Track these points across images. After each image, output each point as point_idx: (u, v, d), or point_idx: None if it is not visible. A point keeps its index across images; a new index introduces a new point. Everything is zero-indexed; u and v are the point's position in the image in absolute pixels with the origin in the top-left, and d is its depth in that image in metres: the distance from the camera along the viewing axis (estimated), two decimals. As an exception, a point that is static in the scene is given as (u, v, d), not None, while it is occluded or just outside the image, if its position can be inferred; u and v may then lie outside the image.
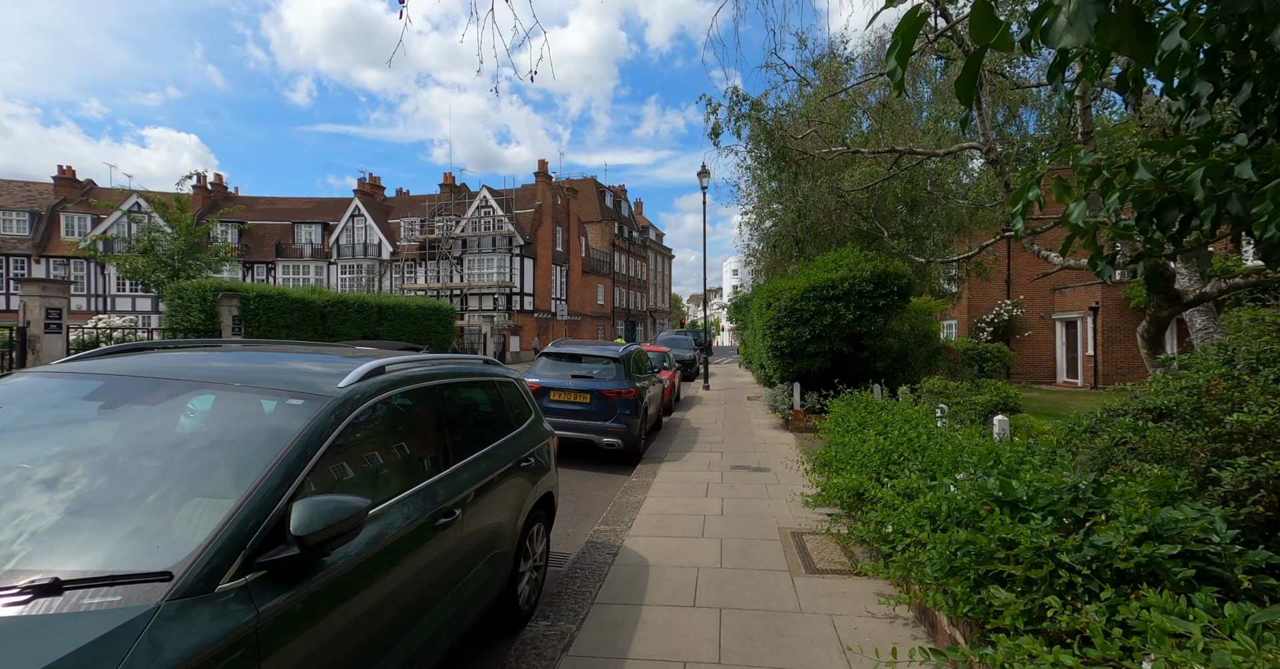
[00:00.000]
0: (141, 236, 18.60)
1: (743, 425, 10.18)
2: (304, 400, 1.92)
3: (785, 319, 8.99)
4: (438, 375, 2.72)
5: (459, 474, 2.56)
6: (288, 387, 2.01)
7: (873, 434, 3.96)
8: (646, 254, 62.27)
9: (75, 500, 1.61)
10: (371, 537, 1.87)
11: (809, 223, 10.74)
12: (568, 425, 7.18)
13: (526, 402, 3.76)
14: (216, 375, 2.17)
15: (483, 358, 3.50)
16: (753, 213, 14.70)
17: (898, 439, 3.72)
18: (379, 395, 2.16)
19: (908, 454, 3.52)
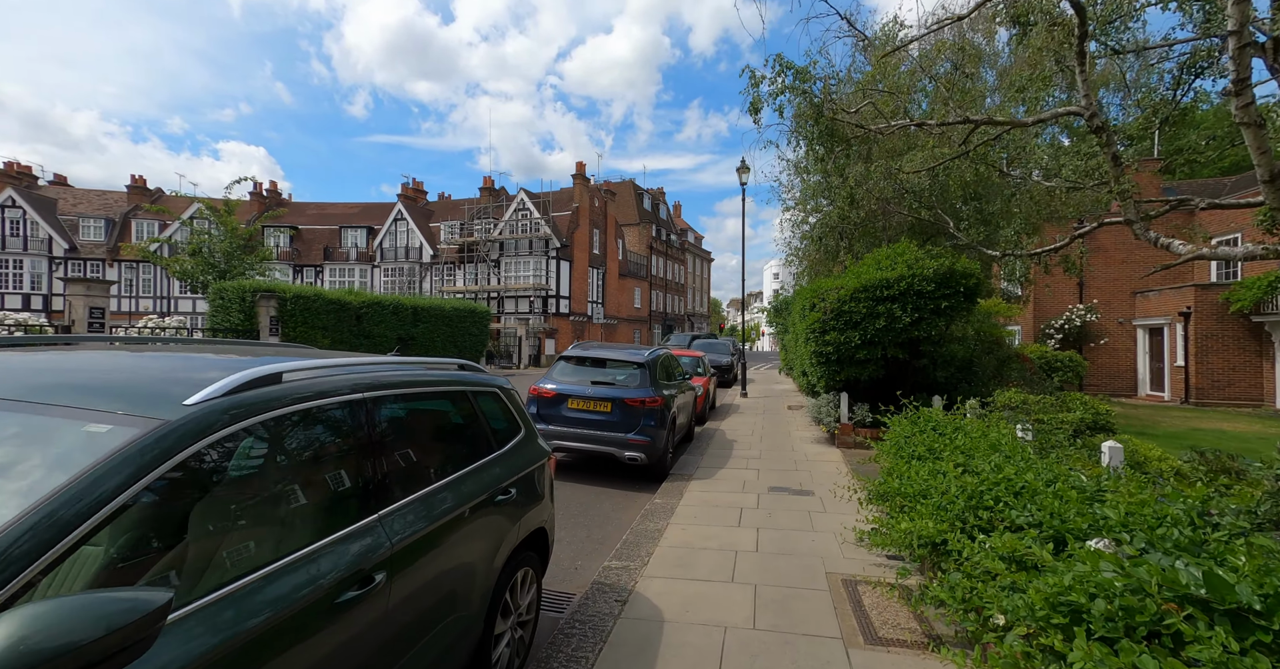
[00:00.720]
0: (191, 239, 19.17)
1: (783, 439, 9.27)
2: (113, 426, 1.28)
3: (832, 322, 8.06)
4: (376, 386, 2.06)
5: (390, 522, 1.89)
6: (100, 403, 1.37)
7: (952, 467, 3.09)
8: (685, 257, 61.43)
9: None
10: (195, 646, 1.20)
11: (859, 216, 9.73)
12: (586, 437, 6.50)
13: (514, 415, 3.08)
14: (12, 384, 1.51)
15: (459, 362, 2.84)
16: (795, 208, 13.72)
17: (991, 477, 2.85)
18: (254, 417, 1.50)
19: (1007, 498, 2.65)
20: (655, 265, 52.39)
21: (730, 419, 11.53)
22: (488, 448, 2.69)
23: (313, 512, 1.68)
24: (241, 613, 1.32)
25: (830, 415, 8.43)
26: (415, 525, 1.98)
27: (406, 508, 2.00)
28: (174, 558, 1.28)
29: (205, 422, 1.38)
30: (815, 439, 9.13)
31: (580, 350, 7.29)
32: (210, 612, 1.27)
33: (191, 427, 1.34)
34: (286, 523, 1.59)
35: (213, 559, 1.35)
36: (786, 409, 13.18)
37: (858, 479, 5.92)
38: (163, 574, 1.24)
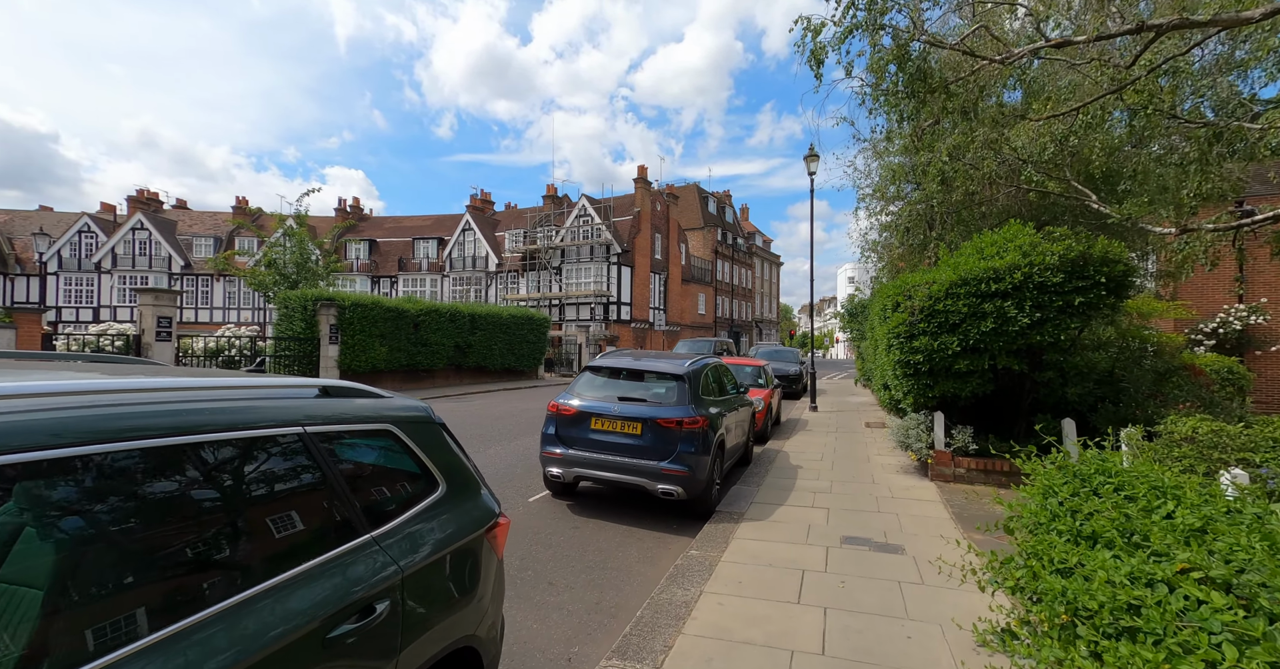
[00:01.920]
0: (266, 252, 20.08)
1: (860, 466, 7.70)
2: None
3: (921, 325, 6.49)
4: (107, 434, 1.08)
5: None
6: None
7: (1192, 584, 1.68)
8: (752, 261, 59.25)
9: None
10: None
11: (953, 200, 8.01)
12: (611, 464, 5.38)
13: (425, 463, 2.00)
14: None
15: (322, 384, 1.80)
16: (872, 197, 11.99)
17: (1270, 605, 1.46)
18: None
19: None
20: (720, 270, 50.72)
21: (796, 438, 10.01)
22: (349, 530, 1.63)
23: None
24: None
25: (921, 440, 6.81)
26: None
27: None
28: None
29: None
30: (901, 468, 7.49)
31: (609, 359, 6.20)
32: None
33: None
34: None
35: None
36: (864, 427, 11.43)
37: (962, 531, 4.42)
38: None
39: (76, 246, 43.10)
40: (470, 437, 9.36)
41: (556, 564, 4.34)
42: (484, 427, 10.64)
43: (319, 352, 16.26)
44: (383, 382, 18.38)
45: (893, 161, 10.64)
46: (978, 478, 6.43)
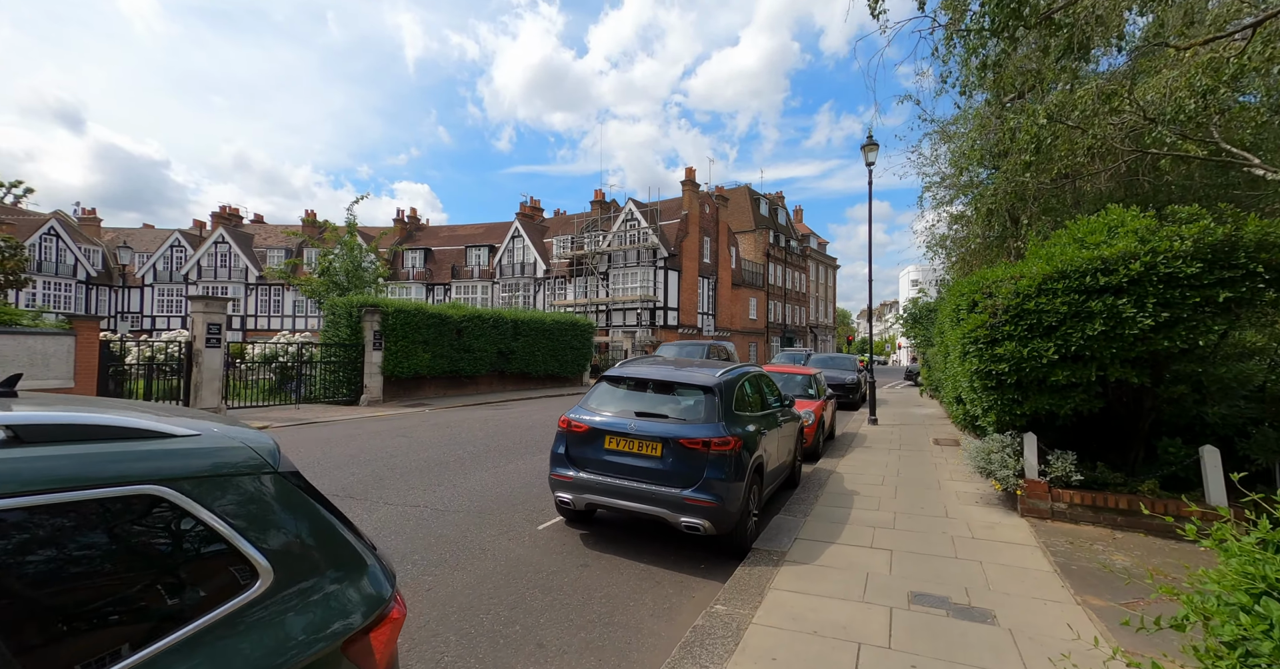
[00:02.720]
0: (319, 261, 20.69)
1: (929, 493, 6.56)
2: None
3: (1006, 328, 5.36)
4: None
5: None
6: None
7: None
8: (806, 264, 57.07)
9: None
10: None
11: (1043, 180, 6.76)
12: (626, 491, 4.61)
13: (241, 544, 1.30)
14: None
15: (17, 421, 1.12)
16: (940, 185, 10.69)
17: None
18: None
19: None
20: (772, 273, 49.03)
21: (853, 456, 8.88)
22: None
23: None
24: None
25: (1007, 466, 5.63)
26: None
27: None
28: None
29: None
30: (981, 498, 6.30)
31: (630, 368, 5.44)
32: None
33: None
34: None
35: None
36: (932, 445, 10.11)
37: (1073, 590, 3.40)
38: None
39: (169, 260, 46.77)
40: (494, 448, 8.83)
41: (552, 617, 3.61)
42: (513, 437, 10.12)
43: (364, 357, 16.40)
44: (426, 388, 18.41)
45: (965, 145, 9.36)
46: (1084, 516, 5.20)
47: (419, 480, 6.46)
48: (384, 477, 6.57)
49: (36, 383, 9.83)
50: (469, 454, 8.20)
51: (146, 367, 12.95)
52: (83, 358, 10.47)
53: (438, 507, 5.51)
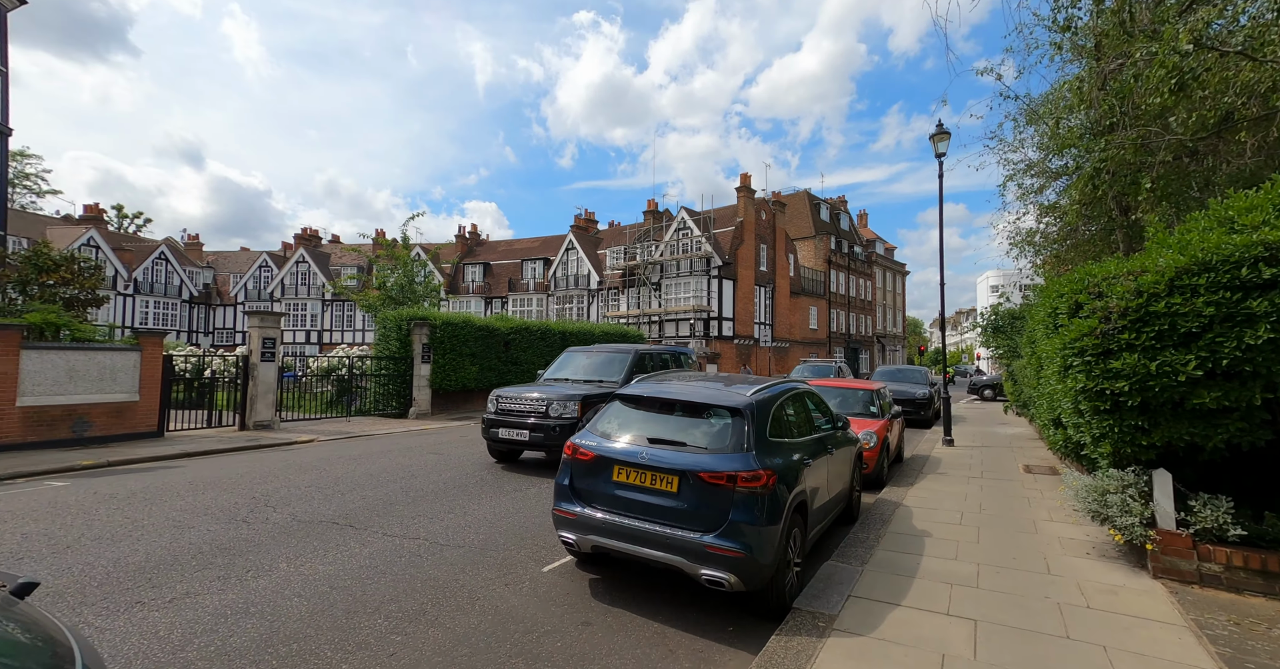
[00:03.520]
0: (376, 276, 21.37)
1: (1022, 537, 5.37)
2: None
3: (1125, 335, 4.22)
4: None
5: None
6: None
7: None
8: (871, 271, 54.16)
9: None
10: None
11: (1177, 140, 5.46)
12: (636, 534, 3.86)
13: None
14: None
15: None
16: (1025, 173, 9.30)
17: None
18: None
19: None
20: (835, 281, 46.77)
21: (924, 485, 7.67)
22: None
23: None
24: None
25: (1131, 511, 4.42)
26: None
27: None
28: None
29: None
30: (1094, 548, 5.06)
31: (645, 385, 4.72)
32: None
33: None
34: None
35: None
36: (1022, 472, 8.66)
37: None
38: None
39: (257, 280, 50.69)
40: (521, 468, 8.31)
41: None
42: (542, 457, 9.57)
43: (412, 370, 16.54)
44: (474, 401, 18.40)
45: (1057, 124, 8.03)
46: (1249, 584, 3.93)
47: (429, 507, 5.98)
48: (395, 501, 6.15)
49: (105, 396, 10.31)
50: (494, 475, 7.70)
51: (209, 380, 13.54)
52: (147, 372, 10.93)
53: (438, 540, 4.97)
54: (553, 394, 8.16)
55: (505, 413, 8.38)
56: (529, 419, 8.08)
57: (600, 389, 8.56)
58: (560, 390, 8.30)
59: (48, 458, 8.35)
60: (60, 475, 7.45)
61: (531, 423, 8.00)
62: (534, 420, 8.03)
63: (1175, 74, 4.10)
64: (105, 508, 5.51)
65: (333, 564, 4.25)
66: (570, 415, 7.91)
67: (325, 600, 3.69)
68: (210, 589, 3.74)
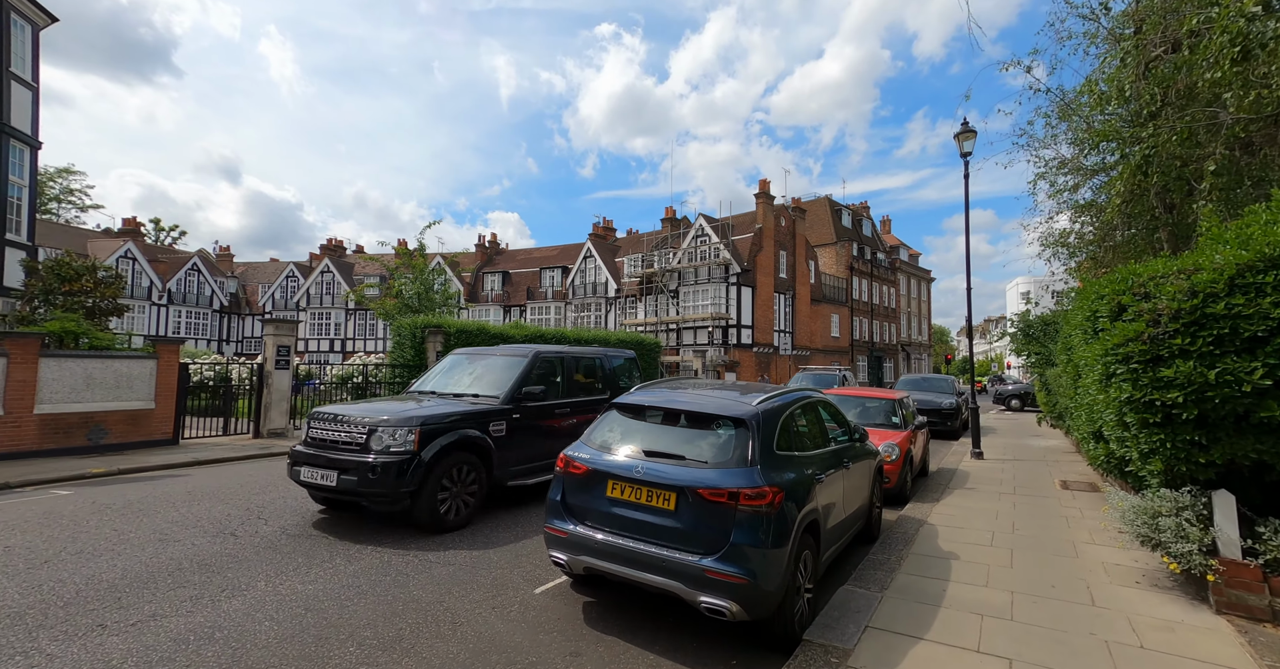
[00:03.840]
0: (393, 284, 21.54)
1: (1061, 562, 4.89)
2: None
3: (1177, 340, 3.79)
4: None
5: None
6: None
7: None
8: (895, 278, 53.03)
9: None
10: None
11: (1239, 119, 4.98)
12: (630, 555, 3.55)
13: None
14: None
15: None
16: (1059, 171, 8.80)
17: None
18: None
19: None
20: (857, 288, 45.87)
21: (951, 501, 7.18)
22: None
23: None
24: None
25: (1188, 537, 3.95)
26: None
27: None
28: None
29: None
30: (1145, 576, 4.57)
31: (643, 394, 4.42)
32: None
33: None
34: None
35: None
36: (1058, 488, 8.09)
37: None
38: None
39: (284, 289, 51.87)
40: (528, 479, 8.05)
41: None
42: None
43: (427, 378, 16.49)
44: (489, 408, 18.27)
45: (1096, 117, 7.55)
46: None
47: (424, 518, 5.75)
48: (389, 516, 5.94)
49: (121, 404, 10.40)
50: (496, 486, 7.45)
51: (227, 387, 13.67)
52: (163, 380, 11.02)
53: (429, 557, 4.72)
54: (383, 416, 5.46)
55: (316, 443, 5.58)
56: (341, 454, 5.34)
57: (470, 407, 6.11)
58: (400, 411, 5.63)
59: (61, 465, 8.40)
60: (68, 483, 7.45)
61: (344, 460, 5.27)
62: (347, 456, 5.29)
63: (1240, 40, 3.68)
64: (97, 519, 5.41)
65: (313, 583, 4.03)
66: (401, 449, 5.27)
67: (298, 624, 3.46)
68: (179, 610, 3.54)
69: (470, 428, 5.90)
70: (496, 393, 6.52)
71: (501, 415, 6.30)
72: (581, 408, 7.66)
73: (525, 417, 6.62)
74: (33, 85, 12.21)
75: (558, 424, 7.15)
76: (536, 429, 6.78)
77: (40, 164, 57.84)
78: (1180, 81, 5.52)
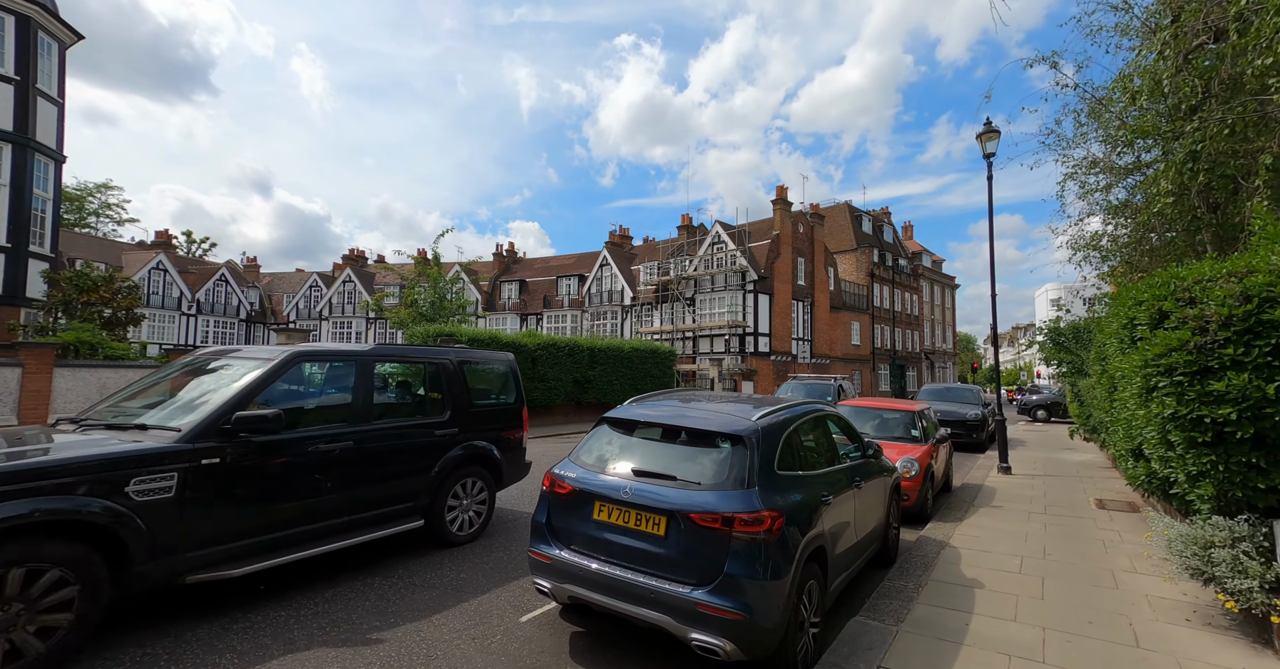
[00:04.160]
0: (407, 293, 21.67)
1: (1099, 593, 4.45)
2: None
3: (1229, 350, 3.39)
4: None
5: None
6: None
7: None
8: (918, 284, 51.91)
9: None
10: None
11: None
12: (617, 585, 3.27)
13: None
14: None
15: None
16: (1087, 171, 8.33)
17: None
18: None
19: None
20: (878, 295, 44.97)
21: (976, 521, 6.71)
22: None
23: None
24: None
25: (1246, 571, 3.51)
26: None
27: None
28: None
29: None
30: (1196, 613, 4.11)
31: (637, 407, 4.14)
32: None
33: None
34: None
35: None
36: (1094, 507, 7.56)
37: None
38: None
39: (308, 299, 52.93)
40: (529, 494, 7.81)
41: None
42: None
43: (438, 387, 16.42)
44: (501, 417, 18.15)
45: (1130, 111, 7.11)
46: None
47: (415, 539, 5.53)
48: (381, 528, 5.73)
49: (133, 411, 10.48)
50: (499, 501, 7.21)
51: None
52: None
53: (414, 578, 4.49)
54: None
55: None
56: None
57: (99, 452, 3.34)
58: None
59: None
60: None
61: None
62: None
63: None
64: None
65: (287, 608, 3.81)
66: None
67: (262, 655, 3.24)
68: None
69: (74, 494, 3.12)
70: (180, 423, 3.75)
71: (171, 461, 3.52)
72: (385, 439, 4.82)
73: (242, 458, 3.89)
74: (58, 101, 12.57)
75: (326, 469, 4.36)
76: (273, 478, 4.05)
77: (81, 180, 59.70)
78: (1224, 71, 5.13)
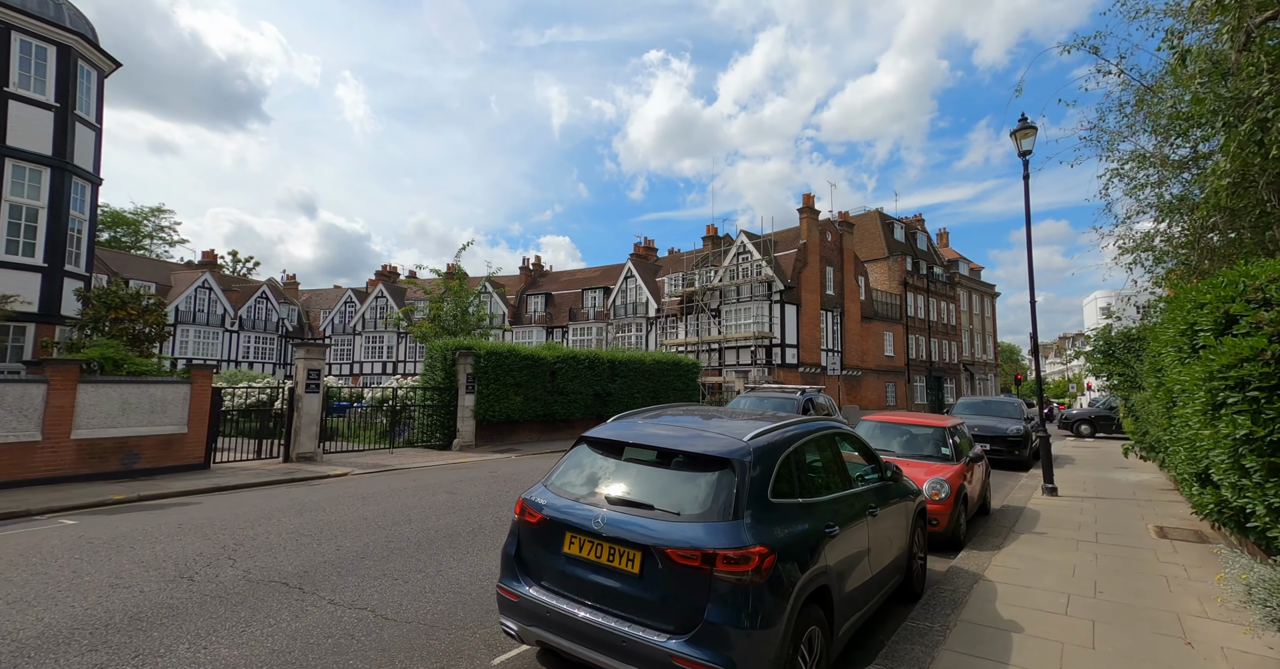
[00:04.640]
0: (430, 307, 21.88)
1: (1164, 643, 3.81)
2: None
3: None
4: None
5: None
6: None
7: None
8: (955, 293, 50.06)
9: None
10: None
11: None
12: (586, 630, 2.88)
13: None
14: None
15: None
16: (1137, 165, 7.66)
17: None
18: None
19: None
20: (912, 305, 43.50)
21: (1016, 551, 6.04)
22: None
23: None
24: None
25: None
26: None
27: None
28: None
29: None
30: (1274, 657, 3.45)
31: (618, 425, 3.77)
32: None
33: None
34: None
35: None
36: (1153, 536, 6.76)
37: None
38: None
39: (343, 315, 54.46)
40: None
41: None
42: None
43: (457, 401, 16.37)
44: (519, 432, 17.94)
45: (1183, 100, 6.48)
46: None
47: (400, 564, 5.25)
48: (366, 554, 5.48)
49: (154, 428, 10.63)
50: (494, 523, 6.92)
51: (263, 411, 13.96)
52: (196, 404, 11.23)
53: (386, 612, 4.19)
54: None
55: None
56: None
57: None
58: None
59: (88, 491, 8.50)
60: (83, 511, 7.47)
61: None
62: None
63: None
64: (67, 557, 5.20)
65: (242, 646, 3.55)
66: None
67: (201, 698, 2.97)
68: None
69: None
70: None
71: None
72: None
73: None
74: (96, 126, 13.16)
75: None
76: None
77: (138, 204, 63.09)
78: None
